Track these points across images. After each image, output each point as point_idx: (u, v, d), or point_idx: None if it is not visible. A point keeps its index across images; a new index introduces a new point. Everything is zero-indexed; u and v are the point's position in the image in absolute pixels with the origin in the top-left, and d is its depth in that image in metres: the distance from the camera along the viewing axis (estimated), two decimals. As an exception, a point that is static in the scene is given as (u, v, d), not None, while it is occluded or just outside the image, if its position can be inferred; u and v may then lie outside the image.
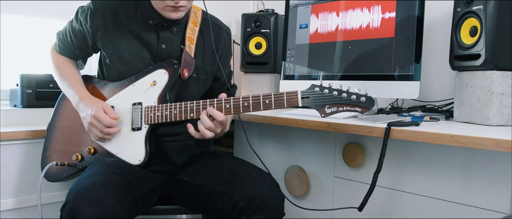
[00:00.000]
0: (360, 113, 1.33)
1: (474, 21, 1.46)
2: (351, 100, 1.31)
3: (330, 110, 1.33)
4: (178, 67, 1.55)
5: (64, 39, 1.69)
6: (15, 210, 1.82)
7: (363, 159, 1.58)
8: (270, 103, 1.38)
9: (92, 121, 1.50)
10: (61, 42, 1.70)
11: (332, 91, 1.32)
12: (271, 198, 1.41)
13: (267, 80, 2.16)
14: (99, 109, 1.50)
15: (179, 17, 1.54)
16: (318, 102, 1.33)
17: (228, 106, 1.42)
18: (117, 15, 1.59)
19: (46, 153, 1.68)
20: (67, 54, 1.70)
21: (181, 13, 1.54)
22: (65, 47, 1.69)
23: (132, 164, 1.51)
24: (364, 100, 1.31)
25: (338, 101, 1.32)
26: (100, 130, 1.50)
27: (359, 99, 1.31)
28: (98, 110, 1.49)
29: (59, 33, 1.72)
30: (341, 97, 1.32)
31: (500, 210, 1.27)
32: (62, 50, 1.70)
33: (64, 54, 1.71)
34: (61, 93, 1.70)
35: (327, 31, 1.88)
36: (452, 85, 1.76)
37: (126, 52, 1.59)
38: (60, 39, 1.70)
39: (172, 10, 1.52)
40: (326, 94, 1.33)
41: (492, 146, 1.14)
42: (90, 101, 1.54)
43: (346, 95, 1.31)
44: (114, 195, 1.33)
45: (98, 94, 1.63)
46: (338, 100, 1.32)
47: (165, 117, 1.49)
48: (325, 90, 1.33)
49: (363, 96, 1.31)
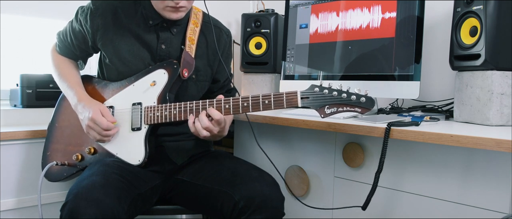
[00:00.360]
0: (360, 113, 1.32)
1: (474, 21, 1.46)
2: (351, 100, 1.31)
3: (330, 110, 1.32)
4: (177, 67, 1.55)
5: (64, 40, 1.69)
6: (15, 210, 1.82)
7: (363, 159, 1.58)
8: (269, 104, 1.38)
9: (89, 124, 1.50)
10: (61, 43, 1.70)
11: (332, 91, 1.32)
12: (271, 198, 1.41)
13: (267, 80, 2.16)
14: (96, 112, 1.49)
15: (179, 17, 1.54)
16: (317, 103, 1.33)
17: (227, 106, 1.42)
18: (117, 15, 1.59)
19: (46, 153, 1.68)
20: (67, 55, 1.71)
21: (181, 14, 1.54)
22: (65, 47, 1.69)
23: (131, 164, 1.51)
24: (364, 101, 1.30)
25: (338, 102, 1.32)
26: (98, 133, 1.50)
27: (359, 100, 1.30)
28: (96, 112, 1.49)
29: (59, 34, 1.72)
30: (341, 97, 1.31)
31: (500, 210, 1.27)
32: (62, 50, 1.70)
33: (64, 55, 1.71)
34: (62, 93, 1.70)
35: (327, 31, 1.88)
36: (452, 85, 1.76)
37: (126, 52, 1.58)
38: (60, 39, 1.70)
39: (172, 10, 1.52)
40: (326, 94, 1.32)
41: (492, 146, 1.14)
42: (88, 103, 1.54)
43: (346, 96, 1.31)
44: (114, 195, 1.33)
45: (98, 94, 1.63)
46: (338, 101, 1.32)
47: (164, 117, 1.49)
48: (325, 90, 1.33)
49: (363, 97, 1.30)
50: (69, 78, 1.64)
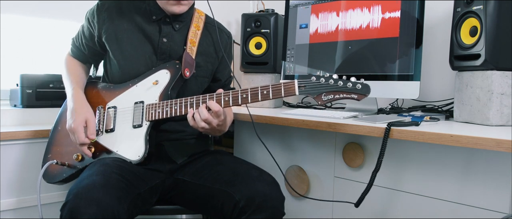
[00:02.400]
0: (357, 99, 1.35)
1: (474, 21, 1.46)
2: (347, 87, 1.34)
3: (326, 98, 1.36)
4: (180, 67, 1.57)
5: (76, 42, 1.75)
6: (15, 210, 1.82)
7: (363, 159, 1.58)
8: (268, 94, 1.40)
9: (70, 131, 1.54)
10: (74, 46, 1.77)
11: (329, 79, 1.35)
12: (271, 197, 1.41)
13: (267, 80, 2.16)
14: (80, 122, 1.52)
15: (181, 11, 1.58)
16: (314, 91, 1.36)
17: (227, 98, 1.44)
18: (122, 10, 1.64)
19: (47, 155, 1.68)
20: (78, 56, 1.76)
21: (184, 7, 1.58)
22: (76, 49, 1.75)
23: (131, 161, 1.51)
24: (360, 87, 1.33)
25: (334, 89, 1.35)
26: (75, 143, 1.55)
27: (355, 86, 1.33)
28: (79, 123, 1.52)
29: (73, 38, 1.78)
30: (337, 85, 1.34)
31: (500, 210, 1.27)
32: (74, 52, 1.77)
33: (75, 57, 1.77)
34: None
35: (327, 31, 1.88)
36: (452, 85, 1.77)
37: (128, 45, 1.62)
38: (73, 42, 1.77)
39: (174, 3, 1.57)
40: (323, 82, 1.36)
41: (492, 146, 1.14)
42: (78, 109, 1.56)
43: (342, 83, 1.34)
44: (114, 194, 1.33)
45: (101, 97, 1.65)
46: (334, 88, 1.35)
47: (165, 112, 1.51)
48: (322, 79, 1.36)
49: (359, 84, 1.33)
50: (70, 78, 1.68)
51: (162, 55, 1.63)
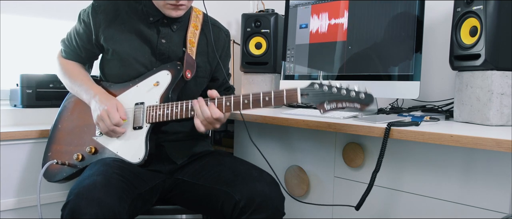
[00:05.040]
0: (360, 109, 1.32)
1: (474, 21, 1.46)
2: (350, 97, 1.31)
3: (329, 106, 1.33)
4: (181, 68, 1.57)
5: (69, 44, 1.71)
6: (15, 210, 1.82)
7: (363, 159, 1.58)
8: (269, 101, 1.38)
9: (102, 114, 1.50)
10: (66, 48, 1.72)
11: (331, 88, 1.33)
12: (271, 197, 1.41)
13: (267, 80, 2.16)
14: (112, 105, 1.51)
15: (179, 15, 1.57)
16: (317, 99, 1.33)
17: (228, 104, 1.43)
18: (118, 12, 1.62)
19: (47, 154, 1.68)
20: (74, 58, 1.72)
21: (181, 11, 1.57)
22: (71, 51, 1.71)
23: (132, 163, 1.51)
24: (363, 97, 1.30)
25: (337, 98, 1.32)
26: (107, 126, 1.51)
27: (358, 96, 1.31)
28: (111, 106, 1.51)
29: (63, 40, 1.74)
30: (340, 94, 1.32)
31: (500, 210, 1.27)
32: (68, 54, 1.72)
33: (70, 59, 1.73)
34: (67, 95, 1.71)
35: (327, 31, 1.88)
36: (452, 85, 1.77)
37: (127, 47, 1.61)
38: (65, 44, 1.72)
39: (172, 8, 1.55)
40: (326, 91, 1.33)
41: (492, 146, 1.14)
42: (105, 97, 1.55)
43: (345, 92, 1.31)
44: (115, 195, 1.33)
45: None
46: (337, 97, 1.32)
47: (166, 115, 1.50)
48: (324, 87, 1.33)
49: (362, 93, 1.31)
50: (80, 77, 1.66)
51: (161, 56, 1.62)
